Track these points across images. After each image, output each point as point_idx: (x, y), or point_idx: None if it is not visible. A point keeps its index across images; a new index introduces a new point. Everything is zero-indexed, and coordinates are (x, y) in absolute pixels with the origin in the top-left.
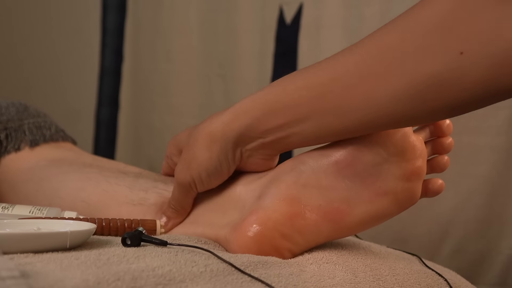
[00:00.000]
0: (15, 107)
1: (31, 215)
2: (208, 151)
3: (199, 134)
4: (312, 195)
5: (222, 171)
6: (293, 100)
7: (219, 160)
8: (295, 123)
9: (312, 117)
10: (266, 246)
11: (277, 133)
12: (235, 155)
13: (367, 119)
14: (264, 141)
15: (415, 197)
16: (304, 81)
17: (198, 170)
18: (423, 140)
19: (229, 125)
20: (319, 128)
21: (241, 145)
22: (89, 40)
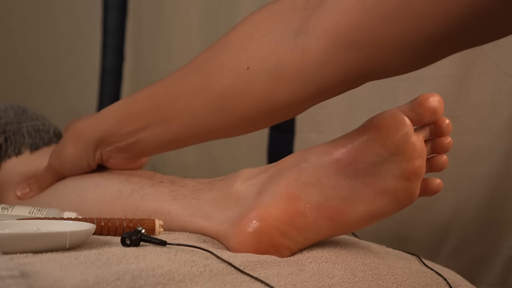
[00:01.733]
0: (14, 110)
1: (31, 215)
2: (73, 147)
3: (70, 131)
4: (313, 193)
5: (83, 166)
6: (139, 109)
7: (81, 157)
8: (140, 130)
9: (152, 125)
10: (264, 243)
11: (128, 139)
12: (95, 155)
13: (190, 127)
14: (119, 145)
15: (413, 196)
16: (148, 92)
17: (64, 160)
18: (423, 139)
19: (91, 128)
20: (157, 135)
21: (100, 148)
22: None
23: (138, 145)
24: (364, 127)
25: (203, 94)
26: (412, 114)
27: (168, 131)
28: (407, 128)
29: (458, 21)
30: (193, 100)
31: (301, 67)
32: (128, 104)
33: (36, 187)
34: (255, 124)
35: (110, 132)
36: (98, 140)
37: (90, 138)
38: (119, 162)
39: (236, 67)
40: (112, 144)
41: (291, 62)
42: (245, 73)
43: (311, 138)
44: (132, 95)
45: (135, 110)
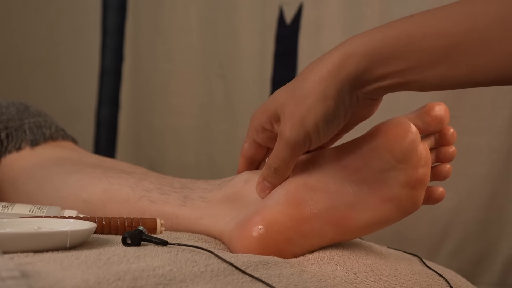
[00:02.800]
0: (16, 107)
1: (31, 214)
2: (324, 99)
3: (310, 83)
4: (319, 199)
5: (339, 118)
6: (420, 47)
7: (337, 105)
8: (418, 69)
9: (440, 65)
10: (270, 249)
11: (396, 78)
12: (351, 98)
13: (506, 75)
14: (381, 84)
15: (417, 204)
16: (434, 28)
17: (316, 121)
18: (428, 148)
19: (343, 68)
20: (445, 77)
21: (357, 88)
22: (90, 40)
23: (407, 85)
24: (372, 134)
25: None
26: (419, 122)
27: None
28: (414, 135)
29: None
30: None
31: None
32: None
33: (278, 179)
34: None
35: (371, 70)
36: (354, 80)
37: (345, 79)
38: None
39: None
40: (372, 83)
41: None
42: None
43: None
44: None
45: (413, 48)
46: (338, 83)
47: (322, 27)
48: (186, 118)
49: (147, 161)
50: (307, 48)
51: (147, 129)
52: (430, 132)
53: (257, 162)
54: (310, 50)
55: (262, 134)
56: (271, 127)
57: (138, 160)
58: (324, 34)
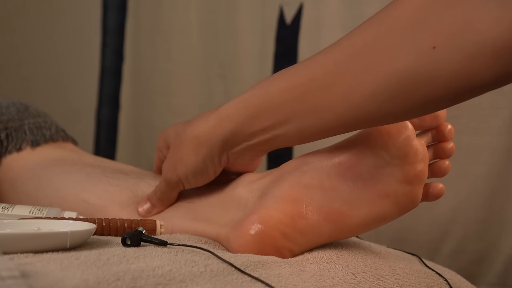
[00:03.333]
0: (16, 107)
1: (31, 215)
2: (194, 155)
3: (186, 137)
4: (314, 196)
5: (208, 173)
6: (275, 103)
7: (205, 163)
8: (278, 125)
9: (294, 118)
10: (267, 246)
11: (261, 136)
12: (221, 158)
13: (347, 118)
14: (249, 144)
15: (416, 201)
16: (285, 83)
17: (185, 171)
18: (425, 144)
19: (214, 130)
20: (301, 129)
21: (227, 149)
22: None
23: (274, 140)
24: (366, 131)
25: (368, 82)
26: (414, 119)
27: (316, 124)
28: (409, 131)
29: None
30: (355, 89)
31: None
32: (261, 97)
33: (161, 204)
34: (434, 107)
35: (239, 131)
36: (224, 142)
37: (215, 141)
38: (246, 162)
39: (417, 47)
40: (241, 143)
41: (496, 37)
42: (430, 53)
43: None
44: (262, 86)
45: (271, 104)
46: (208, 144)
47: (322, 27)
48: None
49: (148, 161)
50: (307, 48)
51: (148, 129)
52: (426, 128)
53: None
54: (310, 50)
55: (161, 154)
56: (166, 153)
57: (138, 160)
58: (324, 34)
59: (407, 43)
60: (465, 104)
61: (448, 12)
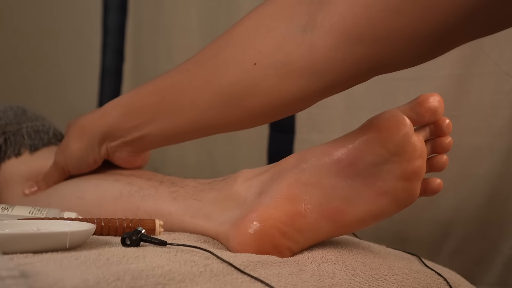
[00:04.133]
0: (13, 111)
1: (31, 215)
2: (78, 142)
3: (74, 126)
4: (313, 193)
5: (89, 162)
6: (143, 103)
7: (87, 152)
8: (145, 124)
9: (157, 118)
10: (265, 244)
11: (134, 133)
12: (100, 150)
13: (196, 122)
14: (124, 139)
15: (414, 196)
16: (153, 87)
17: (70, 156)
18: (423, 139)
19: (96, 123)
20: (162, 130)
21: (106, 142)
22: (90, 40)
23: (144, 139)
24: (364, 127)
25: (208, 90)
26: (412, 114)
27: (173, 126)
28: (407, 128)
29: (465, 10)
30: (199, 96)
31: (309, 63)
32: (132, 98)
33: (44, 184)
34: (262, 118)
35: (115, 126)
36: (103, 135)
37: (95, 133)
38: (124, 156)
39: (242, 63)
40: (118, 138)
41: (299, 58)
42: (252, 69)
43: (311, 138)
44: (137, 89)
45: (139, 104)
46: (90, 135)
47: None
48: None
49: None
50: None
51: None
52: (425, 123)
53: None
54: None
55: None
56: None
57: None
58: None
59: (236, 59)
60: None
61: (269, 34)
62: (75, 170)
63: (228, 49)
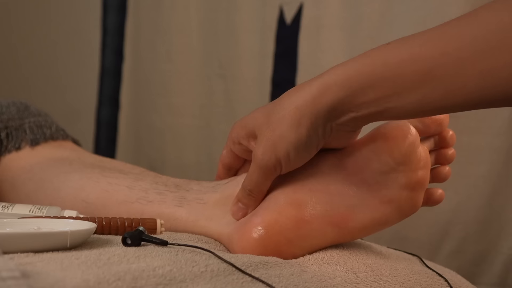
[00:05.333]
0: (16, 106)
1: (31, 214)
2: (297, 128)
3: (286, 110)
4: (319, 200)
5: (311, 148)
6: (395, 74)
7: (309, 136)
8: (395, 97)
9: (416, 91)
10: (270, 250)
11: (372, 107)
12: (325, 130)
13: (481, 97)
14: (356, 115)
15: (416, 206)
16: (409, 54)
17: (287, 149)
18: (428, 150)
19: (319, 99)
20: (421, 103)
21: (332, 120)
22: (90, 40)
23: (385, 113)
24: (371, 136)
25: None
26: (419, 125)
27: (439, 101)
28: (414, 137)
29: None
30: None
31: None
32: (376, 67)
33: (253, 201)
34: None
35: (347, 100)
36: (329, 112)
37: (320, 110)
38: (345, 135)
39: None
40: (348, 113)
41: None
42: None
43: None
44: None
45: (389, 75)
46: (313, 114)
47: (322, 27)
48: (186, 118)
49: (147, 161)
50: (307, 48)
51: (147, 129)
52: (430, 134)
53: (235, 170)
54: (310, 50)
55: (238, 146)
56: (247, 143)
57: (138, 160)
58: (324, 34)
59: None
60: None
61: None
62: (292, 165)
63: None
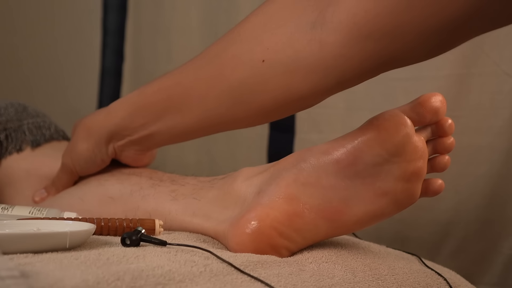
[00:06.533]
0: (14, 108)
1: (31, 215)
2: (85, 143)
3: (81, 127)
4: (312, 194)
5: (96, 162)
6: (150, 102)
7: (94, 152)
8: (153, 122)
9: (164, 116)
10: (263, 244)
11: (141, 131)
12: (108, 149)
13: (204, 119)
14: (131, 138)
15: (414, 197)
16: (158, 85)
17: (77, 158)
18: (424, 140)
19: (102, 122)
20: (171, 127)
21: (112, 141)
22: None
23: (151, 137)
24: (364, 128)
25: (217, 87)
26: (413, 115)
27: (181, 123)
28: (407, 128)
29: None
30: (207, 93)
31: (319, 60)
32: (139, 96)
33: (54, 189)
34: (272, 115)
35: (122, 125)
36: (110, 134)
37: (102, 133)
38: (132, 155)
39: (251, 60)
40: (125, 137)
41: (308, 55)
42: (260, 66)
43: (311, 138)
44: (143, 87)
45: (146, 103)
46: (97, 135)
47: None
48: None
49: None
50: None
51: None
52: (426, 123)
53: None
54: None
55: None
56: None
57: None
58: None
59: (244, 55)
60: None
61: (277, 31)
62: (84, 171)
63: (235, 45)
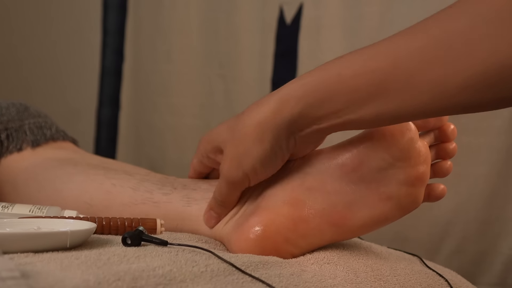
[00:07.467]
0: (16, 108)
1: (31, 214)
2: (261, 143)
3: (248, 127)
4: (317, 198)
5: (277, 161)
6: (350, 87)
7: (274, 150)
8: (352, 109)
9: (371, 103)
10: (268, 249)
11: (332, 119)
12: (289, 143)
13: (432, 107)
14: (318, 127)
15: (417, 202)
16: (362, 67)
17: (252, 164)
18: (428, 145)
19: (279, 113)
20: (377, 114)
21: (295, 132)
22: (90, 40)
23: (347, 125)
24: (369, 132)
25: (463, 72)
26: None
27: (394, 111)
28: (412, 133)
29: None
30: (445, 79)
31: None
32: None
33: (224, 210)
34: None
35: (307, 113)
36: (291, 125)
37: (282, 124)
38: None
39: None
40: (310, 126)
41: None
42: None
43: None
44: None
45: (344, 88)
46: (274, 129)
47: (322, 27)
48: (186, 118)
49: (148, 161)
50: (307, 48)
51: (148, 129)
52: (430, 128)
53: (206, 174)
54: (310, 50)
55: (207, 159)
56: (214, 156)
57: (138, 160)
58: (324, 34)
59: (506, 34)
60: None
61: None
62: (260, 178)
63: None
